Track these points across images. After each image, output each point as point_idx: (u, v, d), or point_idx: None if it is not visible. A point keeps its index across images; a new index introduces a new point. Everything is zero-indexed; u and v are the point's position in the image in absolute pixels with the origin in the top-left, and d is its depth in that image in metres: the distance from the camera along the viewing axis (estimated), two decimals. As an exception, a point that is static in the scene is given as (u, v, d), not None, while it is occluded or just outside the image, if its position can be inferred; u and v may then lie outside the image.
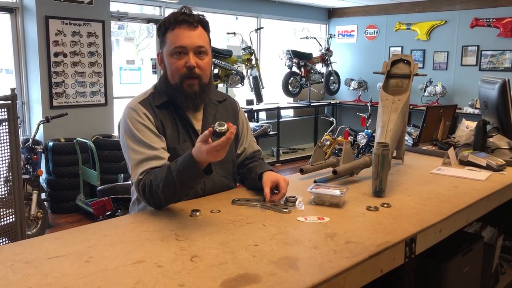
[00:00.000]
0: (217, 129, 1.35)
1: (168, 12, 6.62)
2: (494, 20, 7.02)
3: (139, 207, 1.72)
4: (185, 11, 1.63)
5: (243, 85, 6.86)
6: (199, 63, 1.62)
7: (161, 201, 1.51)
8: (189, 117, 1.69)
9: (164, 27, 1.63)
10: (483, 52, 7.20)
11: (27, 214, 3.87)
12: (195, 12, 1.65)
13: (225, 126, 1.35)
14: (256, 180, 1.71)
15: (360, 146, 5.87)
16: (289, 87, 7.54)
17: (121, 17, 6.09)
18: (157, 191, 1.48)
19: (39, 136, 4.90)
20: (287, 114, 8.48)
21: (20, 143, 4.04)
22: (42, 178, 4.76)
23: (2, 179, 2.90)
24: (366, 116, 6.39)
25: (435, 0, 7.65)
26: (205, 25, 1.67)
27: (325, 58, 8.03)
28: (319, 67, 8.10)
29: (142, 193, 1.54)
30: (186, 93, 1.62)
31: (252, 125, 6.50)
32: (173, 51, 1.61)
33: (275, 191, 1.63)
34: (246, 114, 2.06)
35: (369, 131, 5.96)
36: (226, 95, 1.91)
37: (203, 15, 1.67)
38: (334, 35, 8.80)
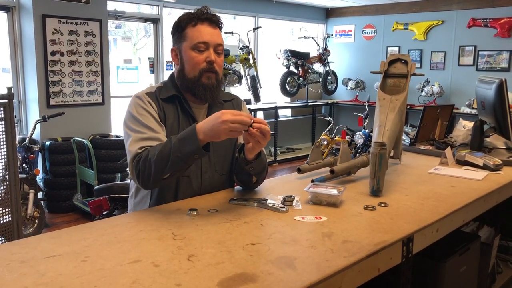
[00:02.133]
0: None
1: (165, 11, 6.62)
2: (491, 20, 7.04)
3: (135, 200, 1.73)
4: (207, 10, 1.70)
5: (240, 84, 6.86)
6: (217, 60, 1.68)
7: (151, 173, 1.50)
8: (194, 114, 1.72)
9: (185, 22, 1.68)
10: (480, 52, 7.22)
11: (23, 214, 3.86)
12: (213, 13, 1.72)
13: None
14: (240, 156, 1.65)
15: (358, 146, 5.87)
16: (287, 86, 7.53)
17: (119, 16, 6.08)
18: (151, 160, 1.49)
19: (36, 135, 4.89)
20: (285, 114, 8.48)
21: (17, 142, 4.04)
22: (39, 178, 4.75)
23: (-2, 178, 2.89)
24: (364, 116, 6.39)
25: (432, 0, 7.67)
26: (221, 27, 1.74)
27: (322, 58, 8.03)
28: (317, 66, 8.10)
29: (135, 165, 1.54)
30: (204, 85, 1.67)
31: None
32: (195, 46, 1.65)
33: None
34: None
35: (367, 130, 5.97)
36: (234, 95, 1.94)
37: (220, 16, 1.74)
38: (332, 35, 8.81)
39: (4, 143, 2.73)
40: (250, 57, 6.91)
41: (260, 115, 7.82)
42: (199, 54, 1.66)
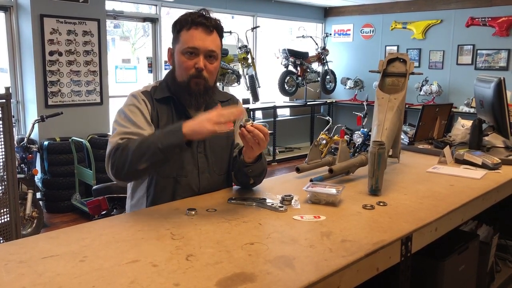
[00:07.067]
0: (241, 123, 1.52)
1: (164, 10, 6.61)
2: (490, 19, 7.04)
3: (132, 202, 1.73)
4: (204, 13, 1.66)
5: (239, 84, 6.86)
6: (208, 66, 1.65)
7: (126, 162, 1.48)
8: (190, 114, 1.70)
9: (180, 25, 1.65)
10: (478, 51, 7.23)
11: (22, 214, 3.85)
12: (212, 16, 1.68)
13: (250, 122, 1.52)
14: (240, 158, 1.68)
15: (356, 145, 5.87)
16: (285, 86, 7.53)
17: (117, 15, 6.07)
18: (130, 149, 1.48)
19: (34, 135, 4.88)
20: (283, 113, 8.48)
21: (15, 142, 4.03)
22: (37, 178, 4.74)
23: (-3, 178, 2.89)
24: (362, 115, 6.40)
25: (430, -1, 7.68)
26: (220, 31, 1.70)
27: (321, 57, 8.04)
28: (315, 66, 8.10)
29: (113, 154, 1.52)
30: (191, 90, 1.65)
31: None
32: (185, 50, 1.63)
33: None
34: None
35: (365, 130, 5.97)
36: (231, 95, 1.92)
37: (219, 20, 1.70)
38: (330, 34, 8.81)
39: (2, 143, 2.72)
40: (249, 56, 6.90)
41: (258, 114, 7.82)
42: (189, 59, 1.63)
